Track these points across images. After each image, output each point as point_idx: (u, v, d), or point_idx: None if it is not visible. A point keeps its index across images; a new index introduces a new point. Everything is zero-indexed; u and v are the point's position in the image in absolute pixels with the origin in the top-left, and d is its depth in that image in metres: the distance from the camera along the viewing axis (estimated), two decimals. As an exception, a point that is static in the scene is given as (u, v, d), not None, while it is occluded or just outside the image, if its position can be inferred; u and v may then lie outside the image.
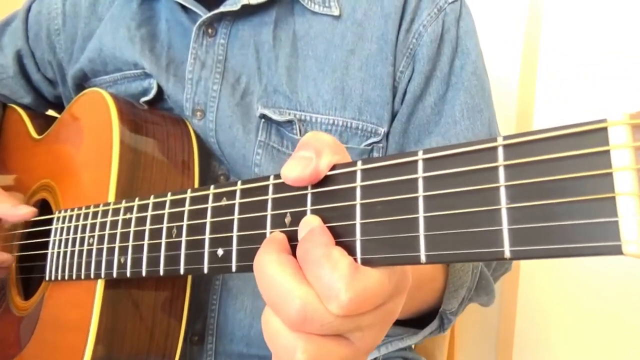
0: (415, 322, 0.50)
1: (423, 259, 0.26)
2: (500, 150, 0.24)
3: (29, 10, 0.73)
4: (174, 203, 0.41)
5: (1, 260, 0.59)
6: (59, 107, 0.80)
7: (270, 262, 0.28)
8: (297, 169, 0.30)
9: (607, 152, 0.21)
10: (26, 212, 0.57)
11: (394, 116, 0.60)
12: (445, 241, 0.25)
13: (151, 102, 0.63)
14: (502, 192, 0.23)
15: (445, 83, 0.60)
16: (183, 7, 0.62)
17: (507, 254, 0.23)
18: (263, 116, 0.58)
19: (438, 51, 0.59)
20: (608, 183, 0.21)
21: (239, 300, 0.59)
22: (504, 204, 0.23)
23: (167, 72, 0.62)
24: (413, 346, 0.80)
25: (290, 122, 0.58)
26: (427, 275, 0.45)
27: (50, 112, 0.81)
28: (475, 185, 0.24)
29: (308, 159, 0.29)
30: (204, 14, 0.60)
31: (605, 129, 0.21)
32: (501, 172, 0.24)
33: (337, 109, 0.58)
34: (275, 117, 0.57)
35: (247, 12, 0.60)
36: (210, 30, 0.60)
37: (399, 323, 0.49)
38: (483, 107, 0.60)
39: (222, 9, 0.59)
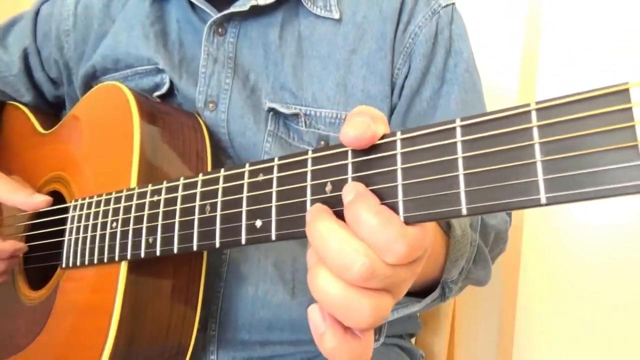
0: (419, 295, 0.53)
1: (464, 211, 0.29)
2: (534, 113, 0.28)
3: (38, 11, 0.76)
4: (206, 182, 0.43)
5: (17, 248, 0.60)
6: (57, 107, 0.81)
7: (329, 228, 0.31)
8: (359, 129, 0.32)
9: (630, 108, 0.25)
10: (42, 200, 0.58)
11: (392, 110, 0.65)
12: (486, 194, 0.28)
13: (161, 97, 0.65)
14: (537, 148, 0.27)
15: (440, 79, 0.65)
16: (192, 6, 0.66)
17: (544, 200, 0.26)
18: (271, 109, 0.62)
19: (432, 50, 0.65)
20: (630, 134, 0.25)
21: (243, 288, 0.61)
22: (538, 157, 0.27)
23: (180, 68, 0.65)
24: (413, 342, 0.82)
25: (296, 115, 0.62)
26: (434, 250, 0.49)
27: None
28: (512, 144, 0.28)
29: (366, 123, 0.32)
30: (214, 14, 0.63)
31: (627, 90, 0.25)
32: (535, 132, 0.27)
33: (340, 103, 0.63)
34: (282, 110, 0.62)
35: (255, 13, 0.64)
36: (220, 30, 0.64)
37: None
38: (476, 103, 0.65)
39: (232, 9, 0.63)
